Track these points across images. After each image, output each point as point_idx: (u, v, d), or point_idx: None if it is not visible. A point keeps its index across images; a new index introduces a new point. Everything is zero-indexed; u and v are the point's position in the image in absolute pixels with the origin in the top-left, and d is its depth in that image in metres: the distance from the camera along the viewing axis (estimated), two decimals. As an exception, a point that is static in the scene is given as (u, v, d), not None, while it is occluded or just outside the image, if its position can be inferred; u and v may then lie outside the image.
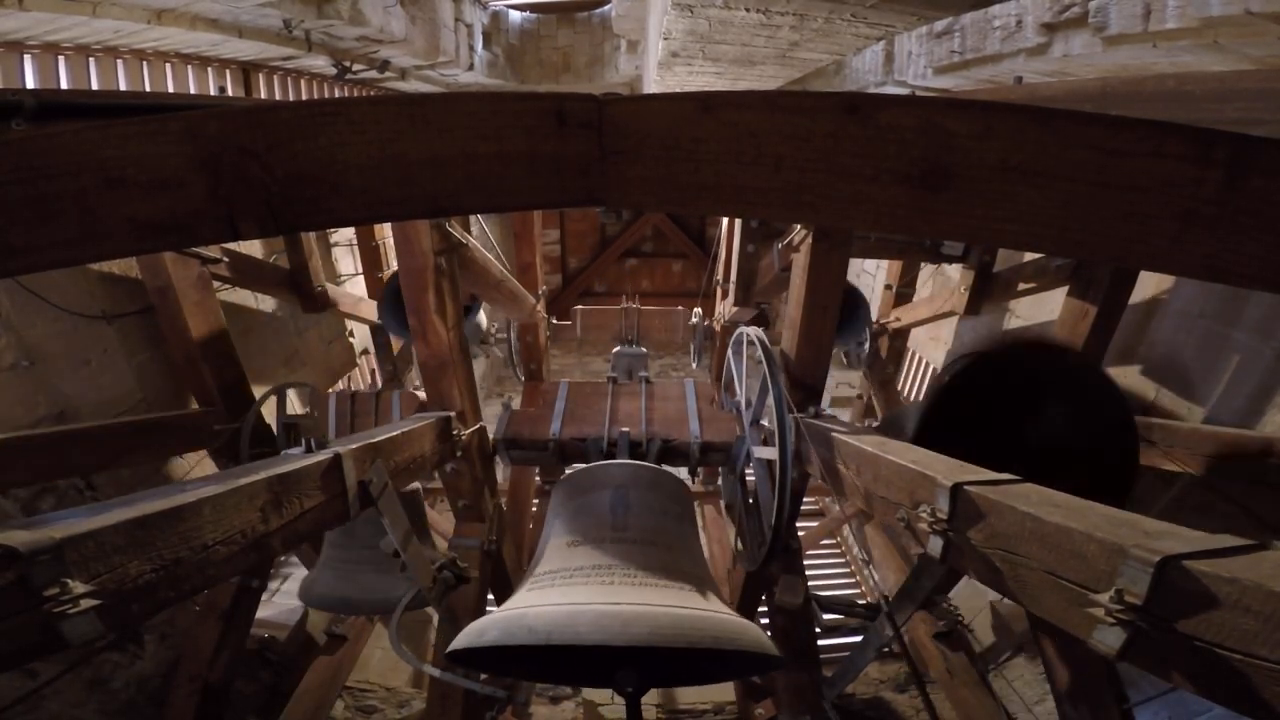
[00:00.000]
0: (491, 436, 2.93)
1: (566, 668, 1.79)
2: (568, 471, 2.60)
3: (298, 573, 4.87)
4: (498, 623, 1.51)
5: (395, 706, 4.28)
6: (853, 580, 6.43)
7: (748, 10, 3.80)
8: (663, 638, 1.39)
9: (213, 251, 3.22)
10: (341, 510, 1.63)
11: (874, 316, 5.98)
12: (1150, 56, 2.71)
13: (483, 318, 5.18)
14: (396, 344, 5.60)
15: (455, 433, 2.48)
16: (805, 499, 4.89)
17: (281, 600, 4.70)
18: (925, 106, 1.11)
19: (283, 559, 4.84)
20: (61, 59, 3.84)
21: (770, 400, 2.24)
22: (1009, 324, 4.92)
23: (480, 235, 3.48)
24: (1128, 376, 3.66)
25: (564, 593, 1.65)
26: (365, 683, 4.41)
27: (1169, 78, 2.80)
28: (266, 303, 4.58)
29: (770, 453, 2.24)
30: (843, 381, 7.41)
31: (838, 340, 4.64)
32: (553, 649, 1.55)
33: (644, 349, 6.14)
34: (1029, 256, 4.09)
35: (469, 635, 1.53)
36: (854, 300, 4.83)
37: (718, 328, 5.50)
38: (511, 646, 1.48)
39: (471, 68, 7.31)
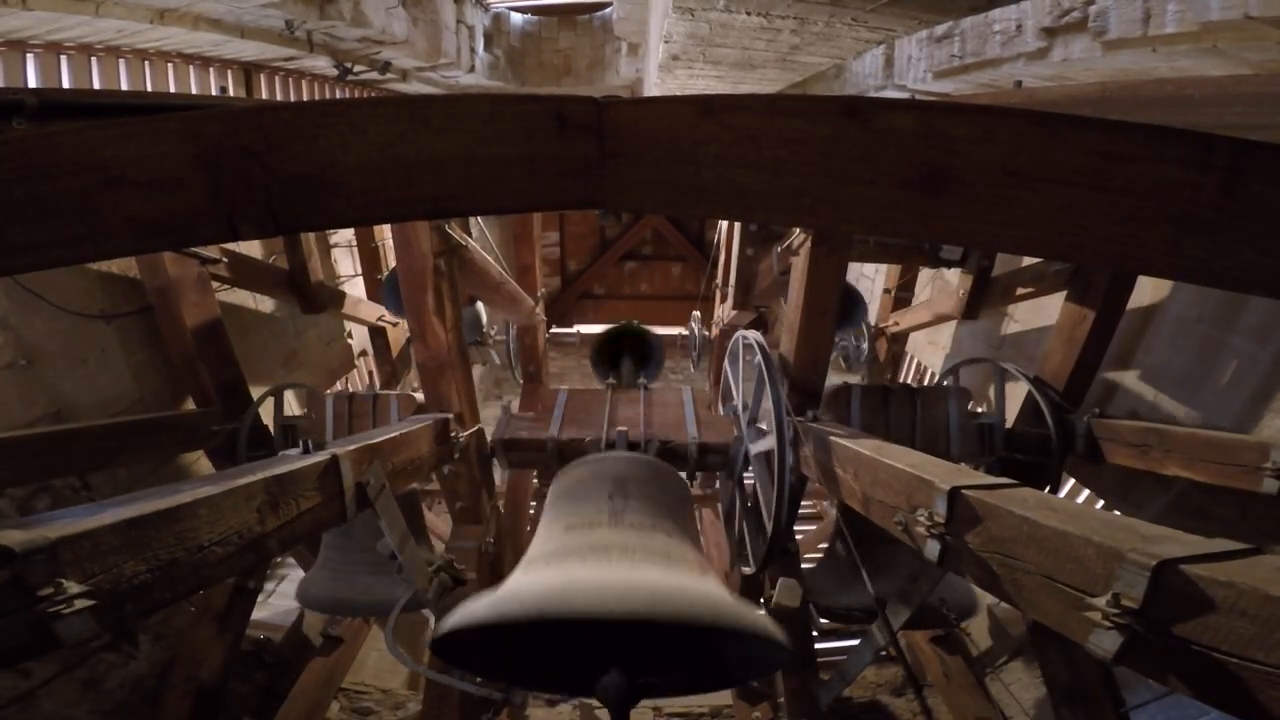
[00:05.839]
0: (489, 439, 2.93)
1: (553, 673, 1.69)
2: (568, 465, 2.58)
3: (294, 574, 4.85)
4: (487, 601, 1.32)
5: (391, 708, 4.26)
6: (851, 584, 6.42)
7: (749, 14, 3.81)
8: (663, 609, 1.24)
9: (212, 252, 3.22)
10: (338, 511, 1.63)
11: (873, 320, 5.98)
12: (1150, 61, 2.71)
13: (481, 310, 5.16)
14: (395, 345, 5.59)
15: (453, 435, 2.48)
16: (803, 502, 4.89)
17: (277, 601, 4.69)
18: (924, 110, 1.11)
19: (279, 560, 4.83)
20: (64, 58, 3.84)
21: (768, 403, 2.24)
22: (1007, 329, 4.93)
23: (480, 237, 3.48)
24: (1126, 381, 3.67)
25: (559, 571, 1.52)
26: (361, 684, 4.39)
27: (1168, 82, 2.81)
28: (265, 303, 4.57)
29: (769, 442, 2.21)
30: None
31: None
32: (542, 648, 1.46)
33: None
34: (1027, 261, 4.09)
35: (460, 615, 1.34)
36: (851, 299, 4.87)
37: (716, 330, 5.50)
38: (501, 645, 1.43)
39: (473, 69, 7.32)
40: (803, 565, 3.15)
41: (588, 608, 1.22)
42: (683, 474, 3.10)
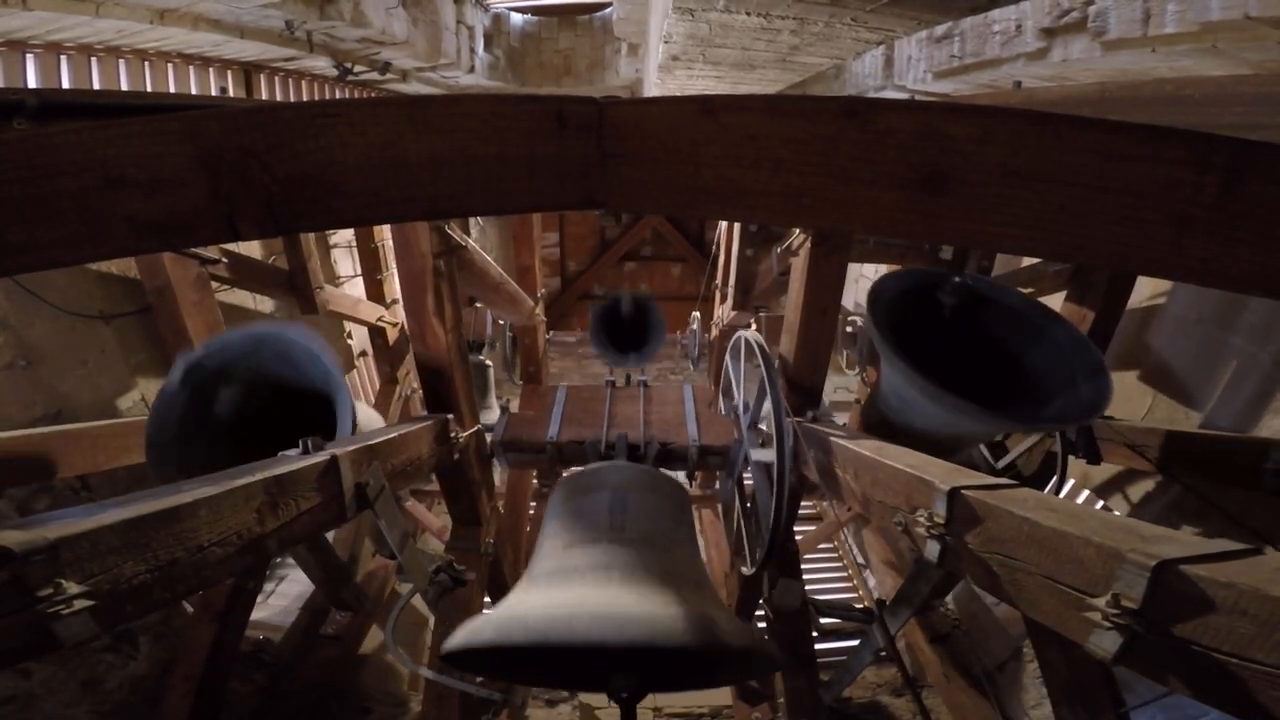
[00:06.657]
0: (489, 439, 2.93)
1: (562, 671, 1.78)
2: (566, 473, 2.61)
3: (294, 574, 4.86)
4: (493, 622, 1.49)
5: (391, 708, 4.26)
6: (850, 584, 6.43)
7: (748, 14, 3.81)
8: (660, 637, 1.36)
9: (211, 252, 3.22)
10: (338, 512, 1.63)
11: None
12: (1149, 61, 2.71)
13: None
14: (393, 334, 5.52)
15: (453, 435, 2.48)
16: (803, 503, 4.89)
17: (277, 602, 4.69)
18: (924, 111, 1.11)
19: (278, 560, 4.82)
20: (64, 58, 3.84)
21: (768, 404, 2.24)
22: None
23: (479, 238, 3.48)
24: (1125, 381, 3.67)
25: (561, 593, 1.63)
26: (361, 684, 4.39)
27: (1168, 82, 2.81)
28: (265, 303, 4.57)
29: (769, 454, 2.24)
30: (840, 386, 7.41)
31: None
32: (549, 651, 1.52)
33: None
34: (1027, 261, 4.09)
35: (465, 634, 1.51)
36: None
37: (716, 331, 5.50)
38: (508, 647, 1.46)
39: (473, 70, 7.32)
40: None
41: (588, 635, 1.34)
42: (682, 474, 3.11)
